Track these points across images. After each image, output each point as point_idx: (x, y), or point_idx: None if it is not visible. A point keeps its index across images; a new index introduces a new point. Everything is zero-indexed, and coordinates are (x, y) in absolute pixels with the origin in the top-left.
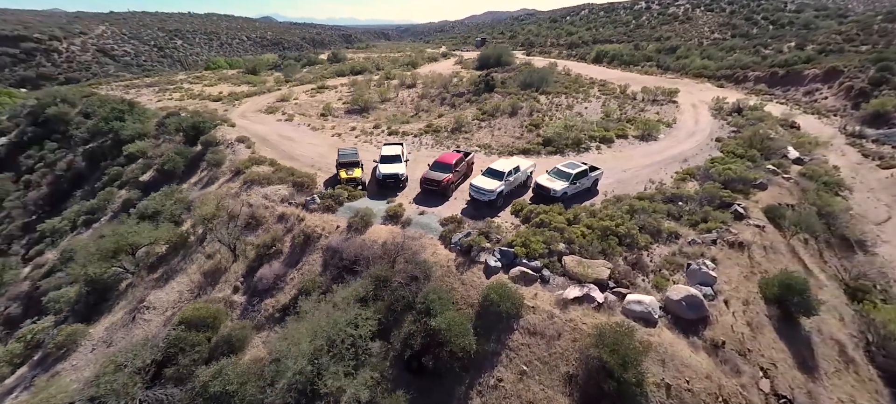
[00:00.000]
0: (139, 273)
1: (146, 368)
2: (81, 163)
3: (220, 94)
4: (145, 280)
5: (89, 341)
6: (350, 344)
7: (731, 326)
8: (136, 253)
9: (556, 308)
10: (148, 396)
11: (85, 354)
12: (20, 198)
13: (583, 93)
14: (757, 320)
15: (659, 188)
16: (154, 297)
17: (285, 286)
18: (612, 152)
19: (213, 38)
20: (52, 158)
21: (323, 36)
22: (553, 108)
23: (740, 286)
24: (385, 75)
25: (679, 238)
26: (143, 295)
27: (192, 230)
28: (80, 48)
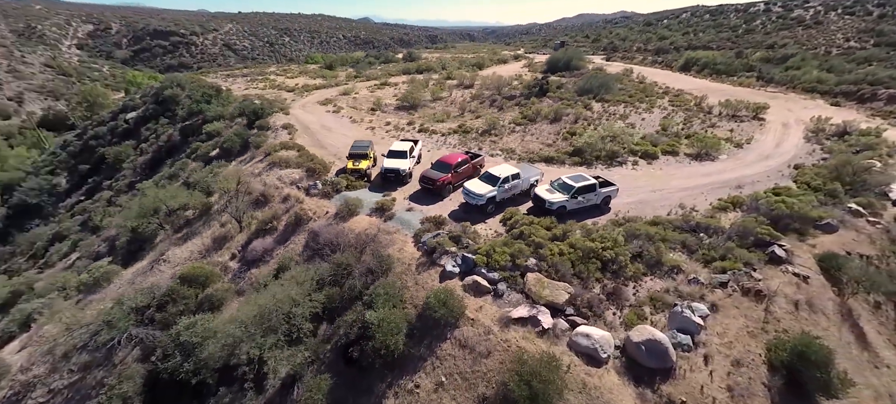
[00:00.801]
0: (168, 231)
1: (141, 309)
2: (177, 137)
3: (295, 86)
4: (171, 237)
5: (119, 280)
6: (284, 319)
7: (700, 386)
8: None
9: (496, 325)
10: (136, 332)
11: (113, 290)
12: (133, 162)
13: (648, 102)
14: (746, 387)
15: (686, 215)
16: (171, 253)
17: (271, 260)
18: (649, 169)
19: (315, 36)
20: (160, 131)
21: (411, 36)
22: (604, 117)
23: (737, 342)
24: (446, 75)
25: (681, 273)
26: (165, 249)
27: (217, 200)
28: (210, 42)
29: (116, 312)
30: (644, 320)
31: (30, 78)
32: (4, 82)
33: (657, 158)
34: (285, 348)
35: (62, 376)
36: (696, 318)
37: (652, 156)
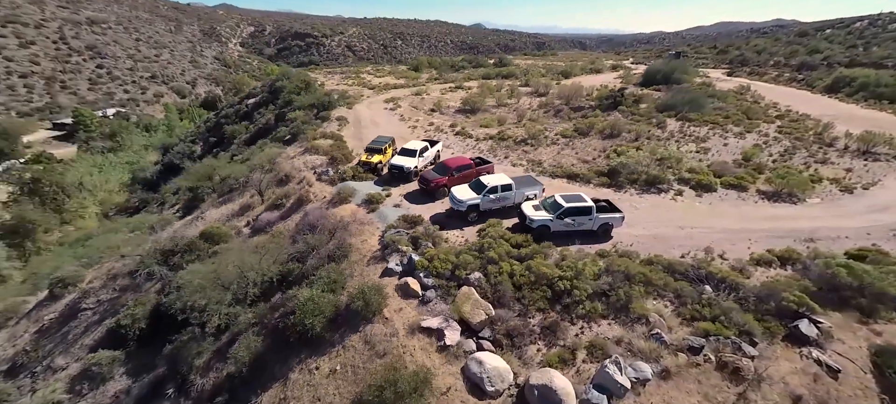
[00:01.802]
0: (213, 195)
1: (166, 253)
2: (272, 121)
3: (378, 84)
4: (215, 201)
5: (171, 228)
6: (234, 280)
7: None
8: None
9: (404, 329)
10: (157, 270)
11: (165, 235)
12: (240, 138)
13: (745, 126)
14: None
15: (704, 261)
16: (208, 213)
17: (270, 230)
18: (693, 202)
19: (425, 41)
20: (266, 115)
21: (516, 42)
22: (674, 138)
23: None
24: (524, 81)
25: (647, 325)
26: (206, 210)
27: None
28: (335, 44)
29: (149, 252)
30: (570, 365)
31: (203, 67)
32: (186, 69)
33: (714, 191)
34: (233, 306)
35: (108, 292)
36: (622, 380)
37: (707, 187)
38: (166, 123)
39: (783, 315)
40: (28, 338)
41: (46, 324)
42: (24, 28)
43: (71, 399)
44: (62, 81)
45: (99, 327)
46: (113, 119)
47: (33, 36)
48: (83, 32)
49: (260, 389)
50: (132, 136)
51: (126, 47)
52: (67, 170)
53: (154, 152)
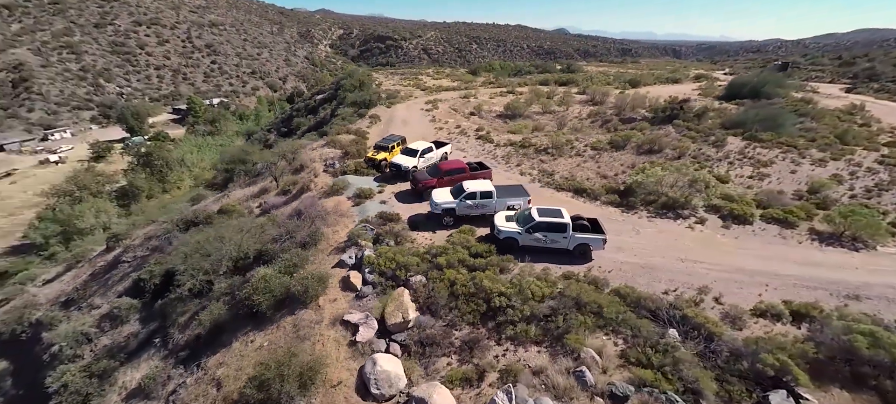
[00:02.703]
0: (242, 176)
1: (188, 222)
2: (328, 115)
3: (431, 86)
4: (242, 181)
5: (204, 201)
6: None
7: None
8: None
9: (329, 319)
10: (174, 233)
11: (200, 206)
12: (303, 129)
13: (833, 152)
14: None
15: (684, 302)
16: (234, 193)
17: (274, 213)
18: (713, 233)
19: (501, 45)
20: (327, 109)
21: (599, 49)
22: (734, 159)
23: None
24: (581, 89)
25: (576, 359)
26: (233, 189)
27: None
28: (412, 47)
29: (175, 220)
30: (473, 387)
31: (294, 65)
32: (280, 67)
33: (748, 223)
34: (209, 274)
35: (142, 250)
36: None
37: (741, 218)
38: (256, 113)
39: (760, 380)
40: (83, 280)
41: (97, 271)
42: (162, 29)
43: (96, 332)
44: (184, 74)
45: (128, 279)
46: (215, 107)
47: (168, 35)
48: (205, 33)
49: (210, 352)
50: (227, 123)
51: (235, 46)
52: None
53: (241, 138)
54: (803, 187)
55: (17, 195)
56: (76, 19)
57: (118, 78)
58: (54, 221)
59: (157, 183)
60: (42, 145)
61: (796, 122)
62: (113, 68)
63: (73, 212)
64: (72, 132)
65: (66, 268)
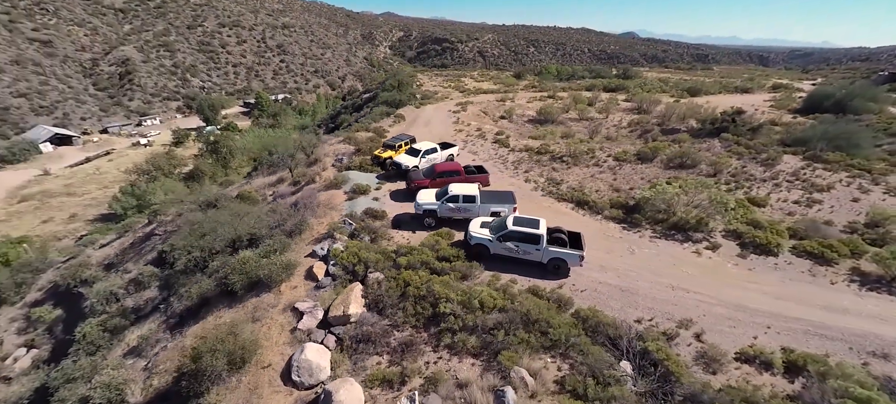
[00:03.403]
0: (264, 166)
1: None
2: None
3: (472, 88)
4: (264, 170)
5: (232, 187)
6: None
7: None
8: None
9: (283, 304)
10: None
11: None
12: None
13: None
14: None
15: (654, 335)
16: (256, 180)
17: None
18: (727, 262)
19: (560, 48)
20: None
21: (670, 54)
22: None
23: None
24: (627, 96)
25: (504, 377)
26: (256, 176)
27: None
28: (468, 49)
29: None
30: (391, 389)
31: (354, 65)
32: (340, 66)
33: (773, 254)
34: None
35: (172, 225)
36: None
37: (764, 248)
38: (313, 109)
39: None
40: (124, 247)
41: (136, 241)
42: (241, 30)
43: (123, 294)
44: (256, 71)
45: (155, 250)
46: (279, 102)
47: (246, 36)
48: (277, 34)
49: (193, 322)
50: (287, 117)
51: (302, 47)
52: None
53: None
54: (861, 219)
55: (112, 171)
56: (173, 21)
57: (202, 73)
58: (132, 195)
59: (221, 168)
60: (136, 130)
61: (882, 143)
62: (198, 64)
63: (147, 189)
64: (160, 119)
65: (117, 236)
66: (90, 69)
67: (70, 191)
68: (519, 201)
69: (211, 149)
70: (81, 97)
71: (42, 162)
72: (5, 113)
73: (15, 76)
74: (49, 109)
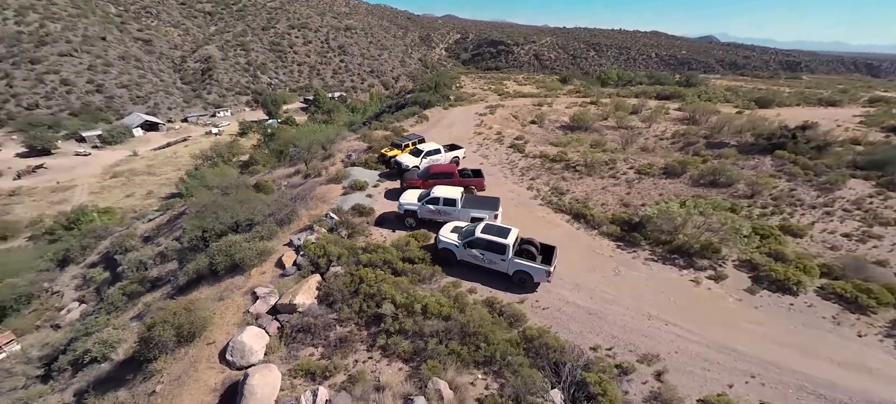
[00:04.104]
0: (286, 159)
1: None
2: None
3: (511, 92)
4: (285, 162)
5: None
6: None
7: None
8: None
9: (248, 287)
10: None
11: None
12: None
13: None
14: None
15: (602, 367)
16: (277, 170)
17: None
18: (729, 296)
19: (623, 53)
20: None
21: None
22: (839, 208)
23: None
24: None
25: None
26: (277, 167)
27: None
28: (524, 52)
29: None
30: (312, 380)
31: (408, 66)
32: (395, 67)
33: (792, 293)
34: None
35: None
36: None
37: (782, 284)
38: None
39: None
40: (161, 224)
41: (172, 218)
42: (308, 32)
43: (151, 263)
44: (318, 70)
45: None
46: (335, 100)
47: (312, 37)
48: (339, 36)
49: (184, 294)
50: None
51: (361, 48)
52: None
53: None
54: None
55: (185, 156)
56: (251, 23)
57: (270, 70)
58: (194, 178)
59: (274, 158)
60: (210, 120)
61: None
62: (268, 63)
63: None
64: (231, 112)
65: (161, 213)
66: (179, 65)
67: (151, 171)
68: (516, 209)
69: (266, 139)
70: (170, 89)
71: (133, 144)
72: (110, 101)
73: (120, 69)
74: (144, 99)
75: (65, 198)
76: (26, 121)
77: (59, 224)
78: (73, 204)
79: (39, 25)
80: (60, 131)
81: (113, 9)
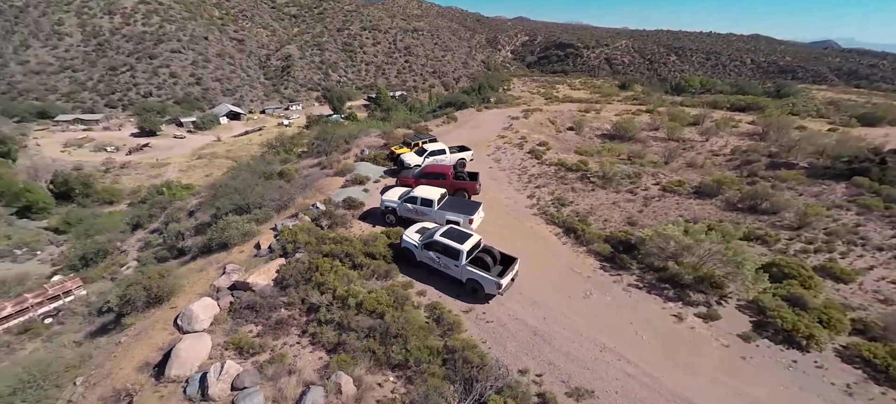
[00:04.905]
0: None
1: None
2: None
3: (560, 96)
4: (312, 153)
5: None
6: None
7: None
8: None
9: (223, 262)
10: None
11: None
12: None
13: None
14: None
15: (533, 396)
16: (303, 161)
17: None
18: (715, 340)
19: (711, 58)
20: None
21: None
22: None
23: None
24: (751, 120)
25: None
26: (305, 157)
27: None
28: (594, 56)
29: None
30: (239, 355)
31: (470, 67)
32: (457, 69)
33: (802, 350)
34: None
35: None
36: (218, 382)
37: (791, 336)
38: (422, 106)
39: None
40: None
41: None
42: (378, 33)
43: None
44: (383, 70)
45: None
46: (395, 99)
47: (380, 39)
48: (407, 37)
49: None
50: (398, 113)
51: (426, 49)
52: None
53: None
54: None
55: (257, 144)
56: (328, 25)
57: (340, 69)
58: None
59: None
60: (283, 113)
61: None
62: (339, 62)
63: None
64: (302, 105)
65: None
66: (264, 62)
67: (229, 154)
68: (506, 217)
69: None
70: (254, 84)
71: (218, 131)
72: (206, 92)
73: (216, 65)
74: (232, 92)
75: (159, 173)
76: (141, 107)
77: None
78: (163, 179)
79: (159, 26)
80: (165, 116)
81: (217, 12)
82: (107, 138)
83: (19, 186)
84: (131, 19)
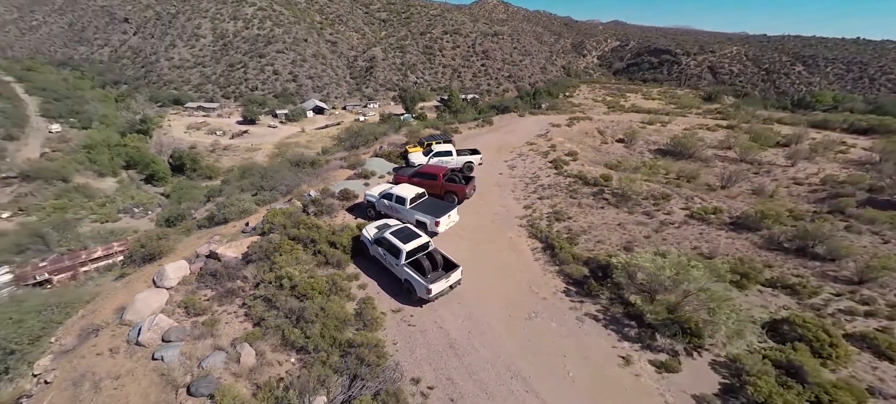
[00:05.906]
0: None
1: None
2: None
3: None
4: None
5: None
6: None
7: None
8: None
9: (217, 234)
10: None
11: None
12: None
13: None
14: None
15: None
16: (338, 152)
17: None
18: (659, 389)
19: (851, 69)
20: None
21: None
22: None
23: None
24: (872, 144)
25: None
26: (339, 150)
27: None
28: (695, 63)
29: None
30: (186, 315)
31: (548, 73)
32: (534, 73)
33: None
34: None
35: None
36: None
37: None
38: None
39: None
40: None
41: None
42: (458, 37)
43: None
44: (459, 72)
45: None
46: (466, 101)
47: (460, 42)
48: (486, 41)
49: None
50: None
51: (504, 53)
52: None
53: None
54: None
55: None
56: (412, 29)
57: (418, 70)
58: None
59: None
60: (361, 110)
61: None
62: (418, 64)
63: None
64: (379, 104)
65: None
66: (351, 63)
67: (309, 145)
68: (490, 224)
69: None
70: (340, 83)
71: (304, 124)
72: (299, 88)
73: (311, 65)
74: (321, 89)
75: (251, 156)
76: (247, 99)
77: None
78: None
79: (270, 30)
80: (264, 108)
81: (318, 17)
82: (218, 124)
83: (149, 158)
84: (250, 24)
